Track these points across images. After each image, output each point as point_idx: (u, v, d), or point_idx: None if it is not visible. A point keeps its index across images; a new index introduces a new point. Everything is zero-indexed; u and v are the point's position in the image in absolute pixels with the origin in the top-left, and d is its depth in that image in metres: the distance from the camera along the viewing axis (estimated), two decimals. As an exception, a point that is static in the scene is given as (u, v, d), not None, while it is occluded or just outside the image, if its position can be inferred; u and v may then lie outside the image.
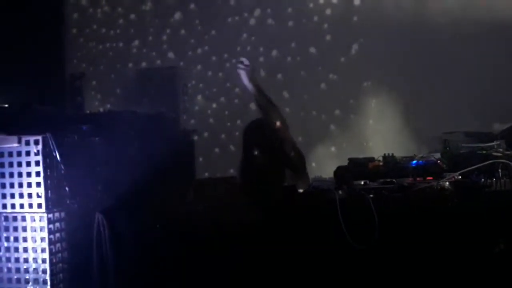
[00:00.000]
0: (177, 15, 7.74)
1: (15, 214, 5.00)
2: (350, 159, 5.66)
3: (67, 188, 5.06)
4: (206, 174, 7.32)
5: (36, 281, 4.96)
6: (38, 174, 4.96)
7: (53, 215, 5.01)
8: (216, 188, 5.37)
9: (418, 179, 5.23)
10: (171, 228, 4.97)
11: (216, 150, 7.60)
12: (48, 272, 4.95)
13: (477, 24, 7.14)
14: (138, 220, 5.03)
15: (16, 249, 5.00)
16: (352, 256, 4.85)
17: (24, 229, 4.99)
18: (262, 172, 5.20)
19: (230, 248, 4.77)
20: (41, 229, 4.96)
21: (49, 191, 4.98)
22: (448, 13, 7.17)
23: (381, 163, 5.61)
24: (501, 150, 5.44)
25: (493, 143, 5.61)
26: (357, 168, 5.52)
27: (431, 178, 5.23)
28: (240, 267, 4.78)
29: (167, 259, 4.95)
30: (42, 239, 4.96)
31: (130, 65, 7.77)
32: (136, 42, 7.74)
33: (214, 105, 7.68)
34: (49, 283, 4.95)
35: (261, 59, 7.64)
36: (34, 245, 4.98)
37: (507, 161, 5.13)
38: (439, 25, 7.19)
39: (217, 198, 5.25)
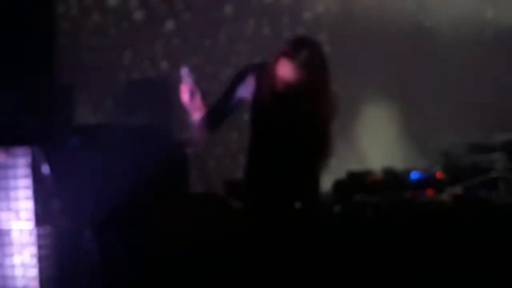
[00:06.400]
0: (171, 24, 7.66)
1: (1, 229, 4.88)
2: (348, 172, 5.64)
3: (56, 202, 4.97)
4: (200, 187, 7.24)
5: (23, 299, 4.82)
6: (26, 187, 4.86)
7: (42, 230, 4.89)
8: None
9: (417, 192, 5.22)
10: (164, 244, 4.91)
11: (211, 163, 7.52)
12: (36, 289, 4.84)
13: (478, 33, 7.17)
14: (129, 235, 4.96)
15: (3, 266, 4.89)
16: (350, 272, 4.82)
17: (12, 244, 4.88)
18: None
19: (223, 264, 4.68)
20: (29, 244, 4.85)
21: (38, 205, 4.88)
22: (449, 22, 7.18)
23: (379, 176, 5.60)
24: (502, 162, 5.47)
25: (494, 155, 5.62)
26: (355, 181, 5.51)
27: (431, 191, 5.22)
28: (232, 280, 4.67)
29: (158, 276, 4.88)
30: (31, 255, 4.85)
31: (122, 75, 7.69)
32: (128, 52, 7.66)
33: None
34: (37, 301, 4.83)
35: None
36: (22, 262, 4.86)
37: (508, 175, 5.17)
38: (440, 34, 7.22)
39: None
